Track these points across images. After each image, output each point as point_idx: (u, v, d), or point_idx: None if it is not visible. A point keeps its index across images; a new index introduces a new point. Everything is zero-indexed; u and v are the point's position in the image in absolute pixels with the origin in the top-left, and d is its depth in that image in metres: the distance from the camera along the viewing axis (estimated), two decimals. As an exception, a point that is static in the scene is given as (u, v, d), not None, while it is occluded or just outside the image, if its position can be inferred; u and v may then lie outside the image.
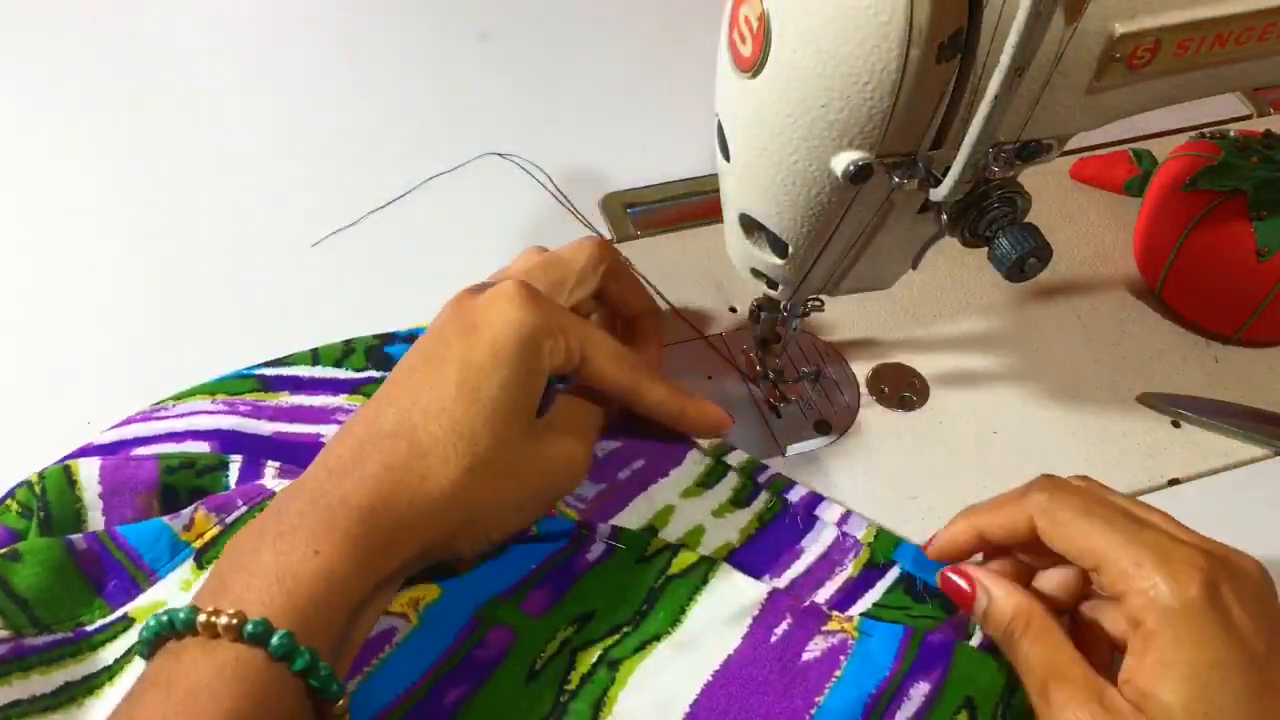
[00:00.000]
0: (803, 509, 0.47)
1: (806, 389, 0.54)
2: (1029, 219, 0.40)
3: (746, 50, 0.37)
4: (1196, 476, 0.53)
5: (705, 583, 0.43)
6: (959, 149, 0.35)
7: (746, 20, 0.36)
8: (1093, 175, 0.67)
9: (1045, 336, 0.58)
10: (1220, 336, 0.58)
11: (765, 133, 0.38)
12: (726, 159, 0.42)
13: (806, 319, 0.51)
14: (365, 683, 0.38)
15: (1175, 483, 0.52)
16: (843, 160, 0.37)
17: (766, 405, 0.54)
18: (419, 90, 0.70)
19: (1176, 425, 0.55)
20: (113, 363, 0.53)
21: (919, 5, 0.32)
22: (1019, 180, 0.40)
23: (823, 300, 0.50)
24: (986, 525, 0.42)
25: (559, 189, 0.64)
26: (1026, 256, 0.39)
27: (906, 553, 0.46)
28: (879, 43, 0.33)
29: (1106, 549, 0.37)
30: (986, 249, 0.40)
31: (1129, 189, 0.66)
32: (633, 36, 0.76)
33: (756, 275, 0.46)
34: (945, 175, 0.37)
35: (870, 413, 0.54)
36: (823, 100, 0.35)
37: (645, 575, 0.43)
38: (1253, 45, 0.38)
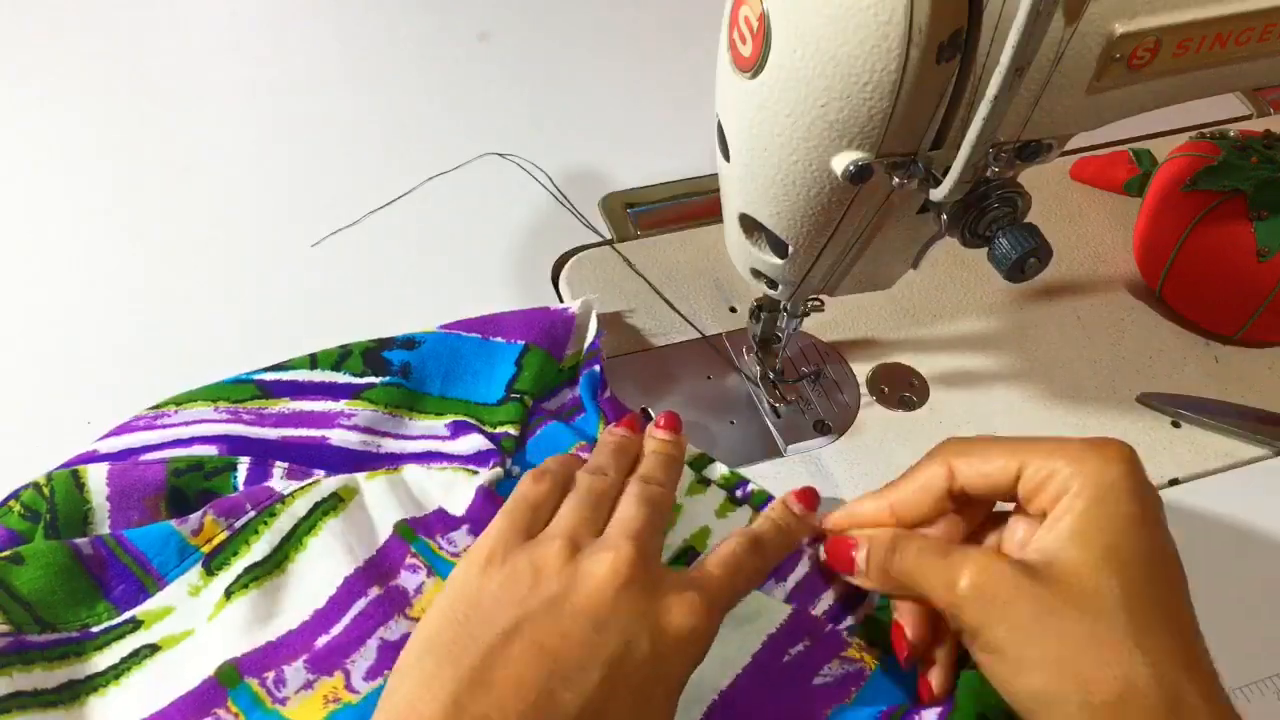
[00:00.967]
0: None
1: (806, 389, 0.54)
2: (1029, 219, 0.40)
3: (746, 50, 0.37)
4: (1196, 476, 0.53)
5: None
6: (959, 149, 0.35)
7: (746, 20, 0.36)
8: (1093, 175, 0.67)
9: (1045, 336, 0.58)
10: (1220, 336, 0.58)
11: (765, 133, 0.38)
12: (726, 159, 0.42)
13: (806, 319, 0.51)
14: None
15: (1175, 483, 0.52)
16: (843, 160, 0.37)
17: (767, 405, 0.54)
18: (419, 90, 0.70)
19: (1176, 425, 0.55)
20: (113, 362, 0.53)
21: (919, 5, 0.32)
22: (1019, 180, 0.40)
23: (823, 300, 0.50)
24: (899, 498, 0.42)
25: (559, 189, 0.64)
26: (1026, 256, 0.39)
27: None
28: (879, 43, 0.33)
29: (1028, 447, 0.38)
30: (986, 249, 0.40)
31: (1129, 189, 0.66)
32: (633, 37, 0.76)
33: (756, 275, 0.46)
34: (945, 175, 0.37)
35: (870, 413, 0.54)
36: (823, 100, 0.35)
37: None
38: (1253, 45, 0.38)
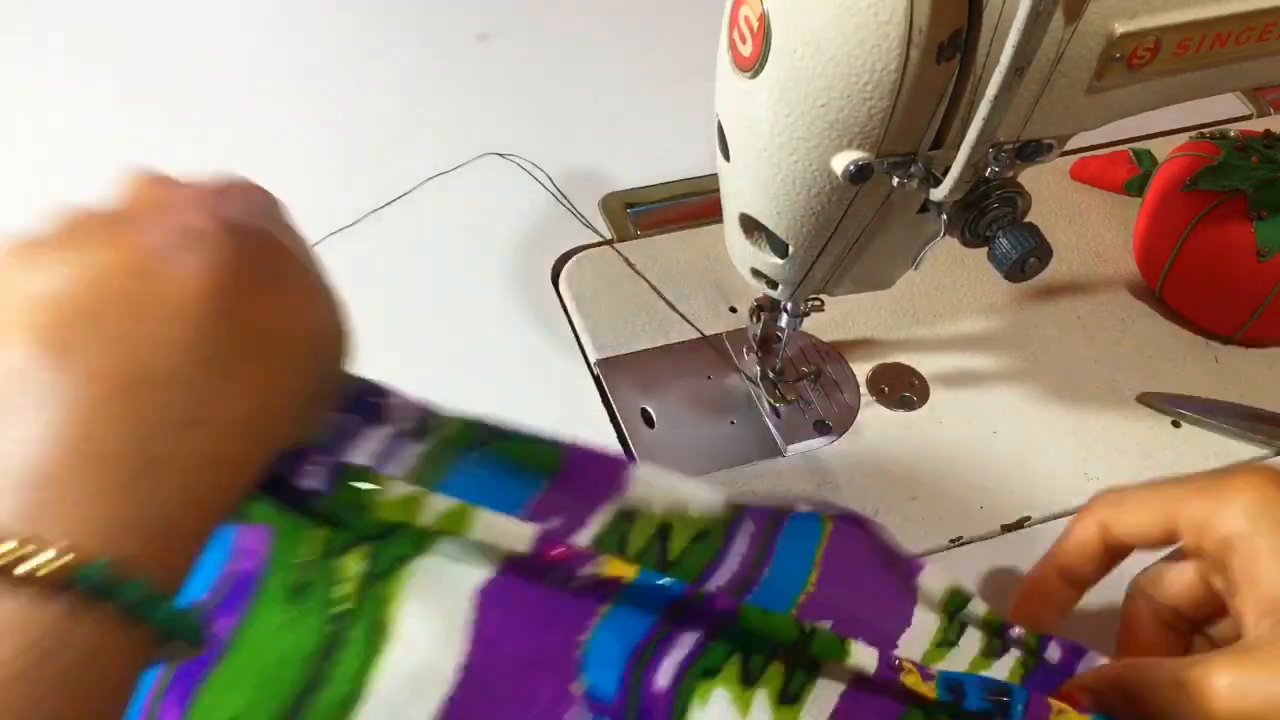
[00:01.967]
0: (1063, 668, 0.41)
1: (806, 389, 0.54)
2: (1029, 219, 0.40)
3: (746, 50, 0.37)
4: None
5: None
6: (959, 149, 0.35)
7: (746, 20, 0.36)
8: (1093, 175, 0.67)
9: (1045, 336, 0.58)
10: (1220, 336, 0.58)
11: (765, 133, 0.38)
12: (726, 159, 0.42)
13: (806, 319, 0.51)
14: None
15: (1175, 483, 0.52)
16: (843, 160, 0.37)
17: (767, 405, 0.54)
18: (419, 90, 0.70)
19: (1176, 425, 0.55)
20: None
21: (919, 5, 0.32)
22: (1019, 180, 0.40)
23: (823, 300, 0.50)
24: (1062, 559, 0.40)
25: (559, 189, 0.64)
26: (1026, 256, 0.39)
27: None
28: (879, 43, 0.33)
29: (1172, 496, 0.38)
30: (986, 249, 0.40)
31: (1129, 189, 0.66)
32: (633, 36, 0.75)
33: (756, 275, 0.46)
34: (945, 175, 0.37)
35: (870, 413, 0.54)
36: (823, 100, 0.35)
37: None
38: (1253, 45, 0.38)
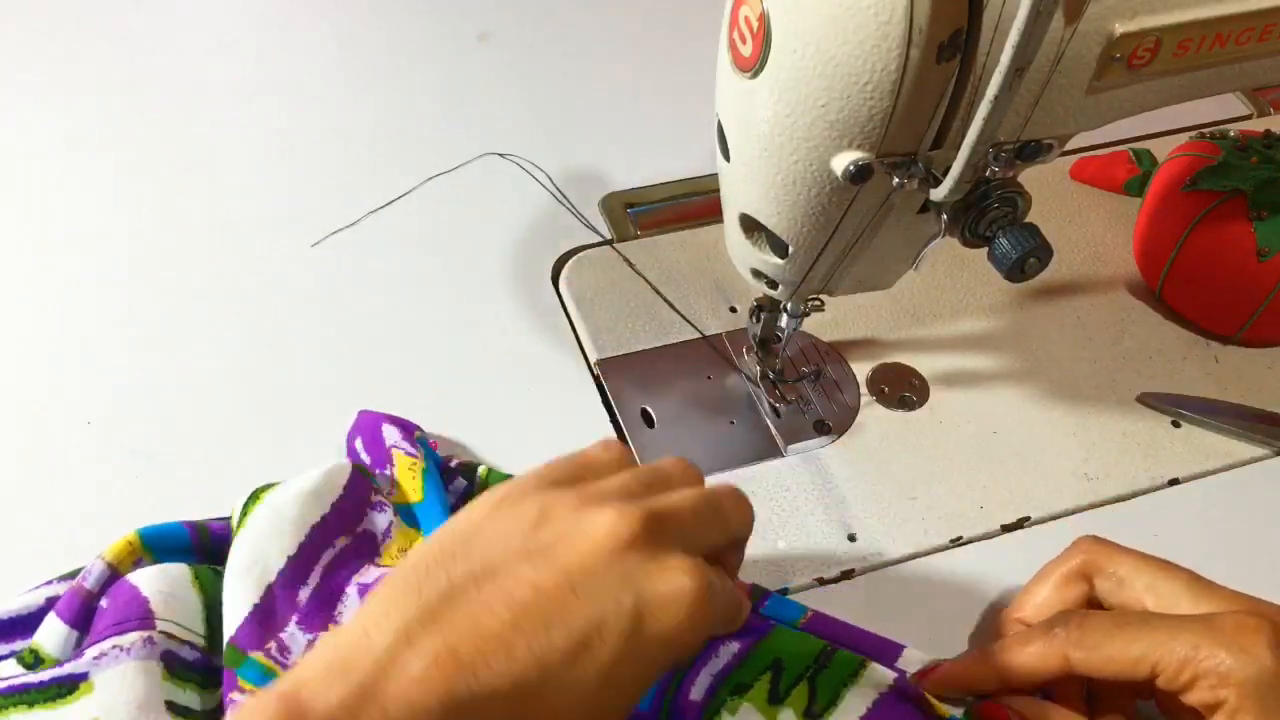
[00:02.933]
0: None
1: (806, 389, 0.54)
2: (1029, 219, 0.40)
3: (746, 50, 0.37)
4: (1196, 476, 0.53)
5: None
6: (959, 149, 0.35)
7: (746, 20, 0.36)
8: (1093, 175, 0.67)
9: (1045, 336, 0.58)
10: (1220, 336, 0.58)
11: (765, 133, 0.38)
12: (726, 159, 0.42)
13: (806, 319, 0.51)
14: None
15: (1175, 483, 0.52)
16: (843, 160, 0.37)
17: (767, 405, 0.54)
18: (419, 90, 0.70)
19: (1176, 425, 0.55)
20: (113, 362, 0.53)
21: (919, 5, 0.32)
22: (1019, 180, 0.40)
23: (823, 300, 0.50)
24: (1011, 670, 0.39)
25: (559, 189, 0.64)
26: (1026, 256, 0.39)
27: None
28: (879, 43, 0.33)
29: (1156, 648, 0.36)
30: (986, 249, 0.40)
31: (1129, 189, 0.66)
32: (633, 36, 0.75)
33: (756, 275, 0.46)
34: (945, 175, 0.37)
35: (870, 413, 0.54)
36: (823, 100, 0.35)
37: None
38: (1253, 45, 0.38)
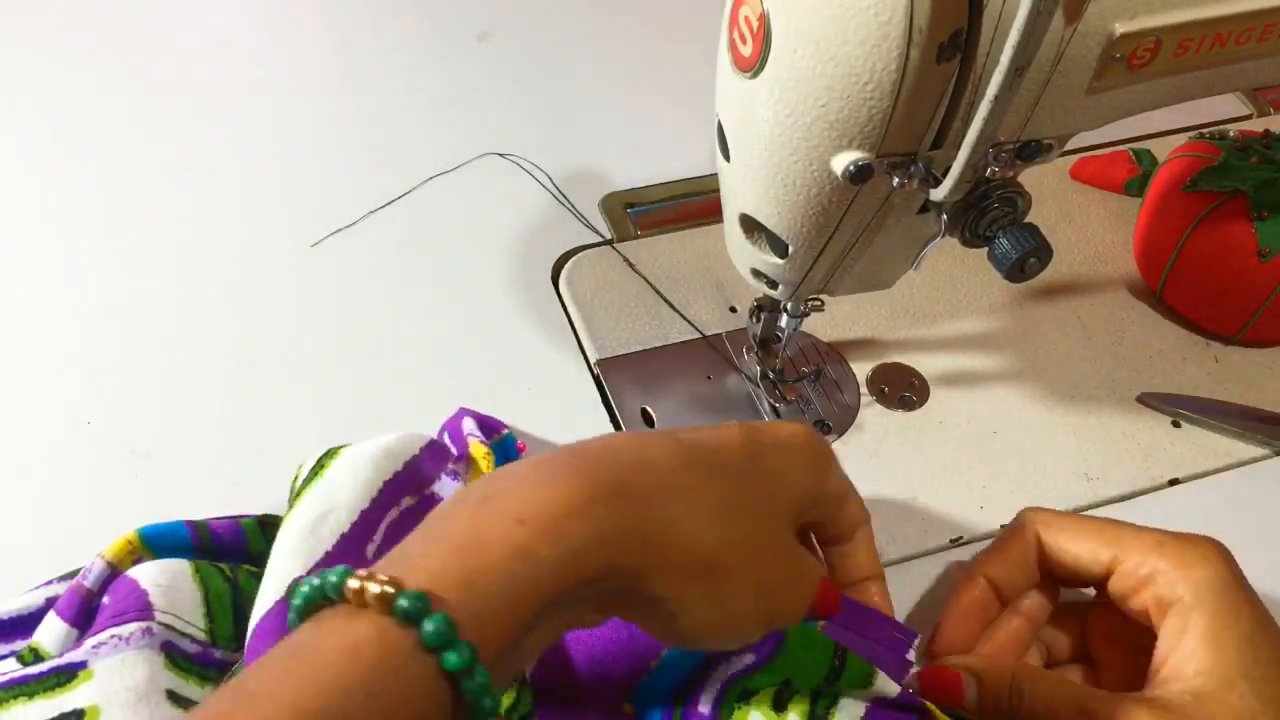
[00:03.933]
0: None
1: (806, 389, 0.54)
2: (1029, 219, 0.40)
3: (746, 50, 0.37)
4: (1196, 476, 0.53)
5: None
6: (959, 149, 0.35)
7: (746, 20, 0.36)
8: (1093, 175, 0.67)
9: (1045, 336, 0.58)
10: (1220, 337, 0.58)
11: (765, 133, 0.38)
12: (726, 159, 0.42)
13: (806, 319, 0.51)
14: None
15: (1175, 483, 0.52)
16: (843, 160, 0.37)
17: (767, 405, 0.54)
18: (419, 90, 0.70)
19: (1176, 425, 0.55)
20: (113, 363, 0.53)
21: (919, 5, 0.32)
22: (1019, 180, 0.40)
23: (823, 300, 0.50)
24: (993, 568, 0.42)
25: (559, 189, 0.64)
26: (1026, 256, 0.39)
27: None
28: (879, 43, 0.33)
29: (1122, 538, 0.39)
30: (986, 249, 0.40)
31: (1129, 189, 0.66)
32: (633, 36, 0.76)
33: (756, 275, 0.46)
34: (945, 175, 0.37)
35: (870, 413, 0.54)
36: (823, 100, 0.35)
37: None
38: (1253, 45, 0.38)
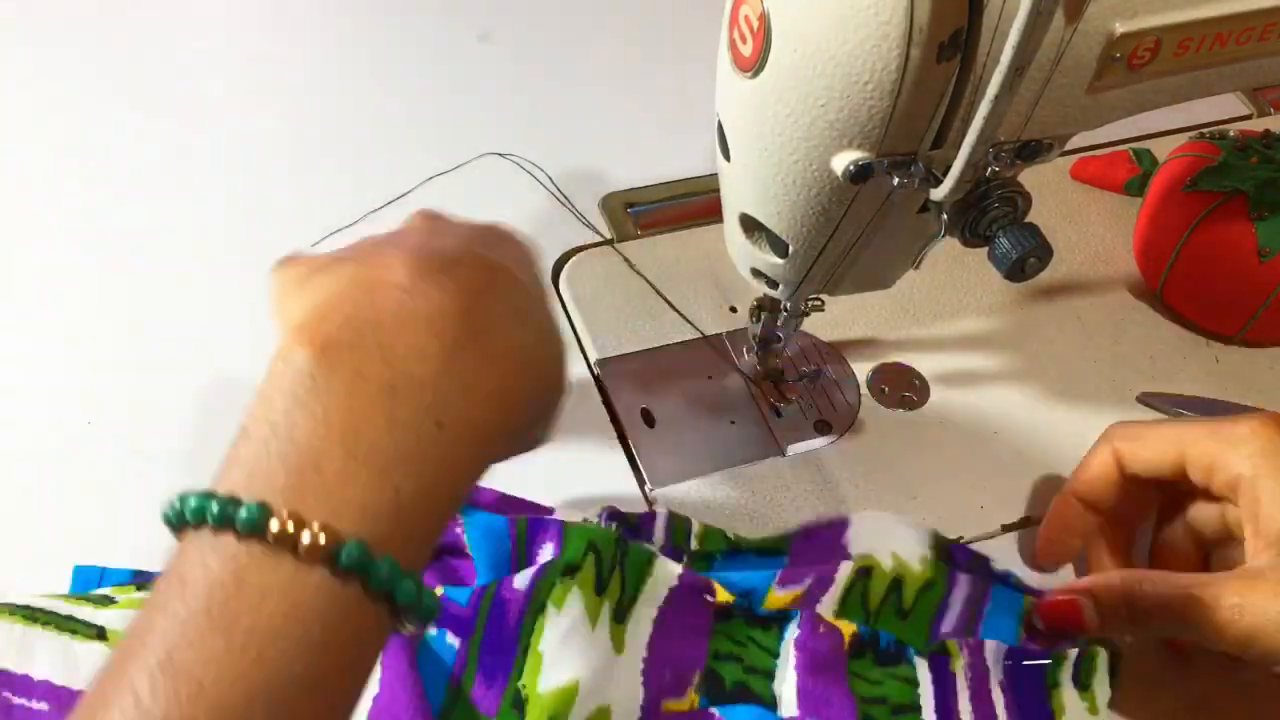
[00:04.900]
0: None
1: (806, 389, 0.54)
2: (1029, 219, 0.40)
3: (746, 50, 0.37)
4: (1197, 476, 0.53)
5: None
6: (959, 149, 0.35)
7: (746, 20, 0.36)
8: (1093, 175, 0.67)
9: (1045, 336, 0.58)
10: (1221, 336, 0.58)
11: (765, 133, 0.38)
12: (726, 159, 0.42)
13: (806, 319, 0.51)
14: None
15: (1175, 483, 0.52)
16: (843, 160, 0.37)
17: (767, 405, 0.54)
18: (419, 90, 0.70)
19: (1177, 425, 0.55)
20: (113, 362, 0.53)
21: (919, 5, 0.32)
22: (1019, 180, 0.40)
23: (823, 300, 0.50)
24: (1081, 486, 0.46)
25: (559, 189, 0.64)
26: (1026, 256, 0.39)
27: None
28: (879, 43, 0.33)
29: (1183, 435, 0.43)
30: (986, 249, 0.40)
31: (1129, 189, 0.66)
32: (633, 36, 0.75)
33: (756, 275, 0.46)
34: (945, 175, 0.37)
35: (870, 413, 0.54)
36: (823, 100, 0.35)
37: None
38: (1253, 45, 0.38)
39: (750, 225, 0.43)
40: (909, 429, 0.53)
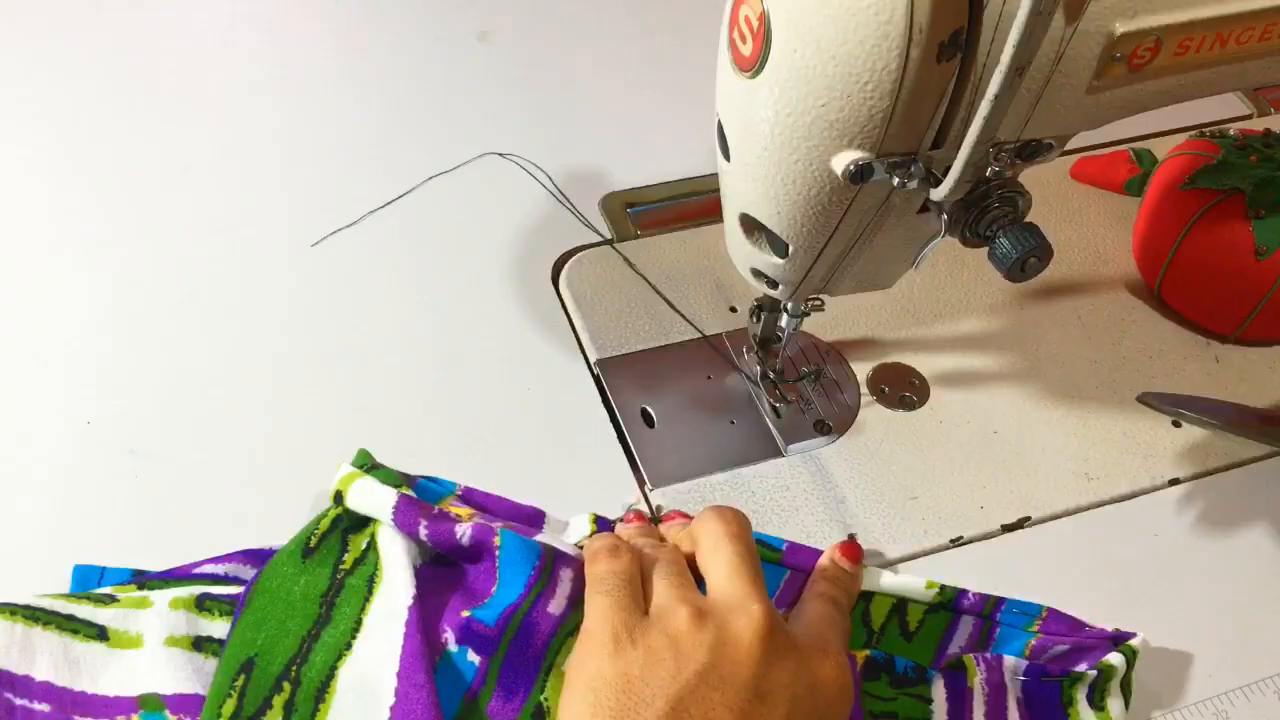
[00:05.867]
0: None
1: (806, 389, 0.54)
2: (1029, 219, 0.40)
3: (746, 50, 0.37)
4: (1196, 476, 0.53)
5: None
6: (959, 149, 0.35)
7: (746, 20, 0.36)
8: (1093, 175, 0.67)
9: (1045, 336, 0.58)
10: (1219, 335, 0.58)
11: (765, 133, 0.38)
12: (726, 159, 0.42)
13: (806, 319, 0.51)
14: None
15: (1175, 482, 0.52)
16: (843, 160, 0.37)
17: (767, 405, 0.54)
18: (419, 90, 0.70)
19: (1177, 425, 0.55)
20: (113, 363, 0.53)
21: (919, 5, 0.32)
22: (1019, 180, 0.40)
23: (823, 300, 0.50)
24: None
25: (559, 189, 0.64)
26: (1027, 256, 0.39)
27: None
28: (879, 43, 0.33)
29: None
30: (986, 249, 0.40)
31: (1129, 189, 0.66)
32: (633, 36, 0.75)
33: (757, 275, 0.46)
34: (945, 175, 0.37)
35: (870, 413, 0.54)
36: (823, 100, 0.35)
37: None
38: (1253, 45, 0.38)
39: (750, 225, 0.43)
40: (909, 429, 0.53)
